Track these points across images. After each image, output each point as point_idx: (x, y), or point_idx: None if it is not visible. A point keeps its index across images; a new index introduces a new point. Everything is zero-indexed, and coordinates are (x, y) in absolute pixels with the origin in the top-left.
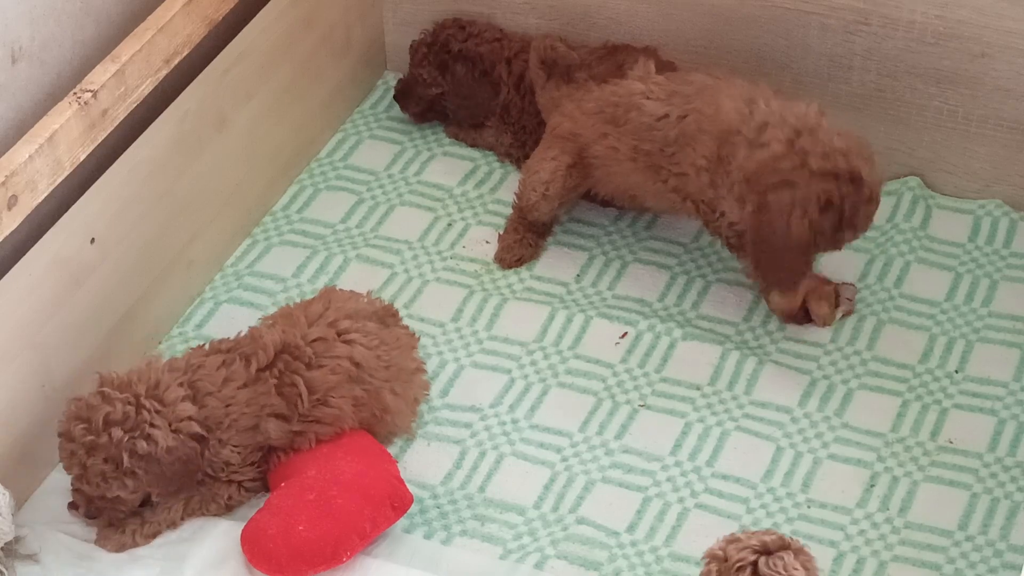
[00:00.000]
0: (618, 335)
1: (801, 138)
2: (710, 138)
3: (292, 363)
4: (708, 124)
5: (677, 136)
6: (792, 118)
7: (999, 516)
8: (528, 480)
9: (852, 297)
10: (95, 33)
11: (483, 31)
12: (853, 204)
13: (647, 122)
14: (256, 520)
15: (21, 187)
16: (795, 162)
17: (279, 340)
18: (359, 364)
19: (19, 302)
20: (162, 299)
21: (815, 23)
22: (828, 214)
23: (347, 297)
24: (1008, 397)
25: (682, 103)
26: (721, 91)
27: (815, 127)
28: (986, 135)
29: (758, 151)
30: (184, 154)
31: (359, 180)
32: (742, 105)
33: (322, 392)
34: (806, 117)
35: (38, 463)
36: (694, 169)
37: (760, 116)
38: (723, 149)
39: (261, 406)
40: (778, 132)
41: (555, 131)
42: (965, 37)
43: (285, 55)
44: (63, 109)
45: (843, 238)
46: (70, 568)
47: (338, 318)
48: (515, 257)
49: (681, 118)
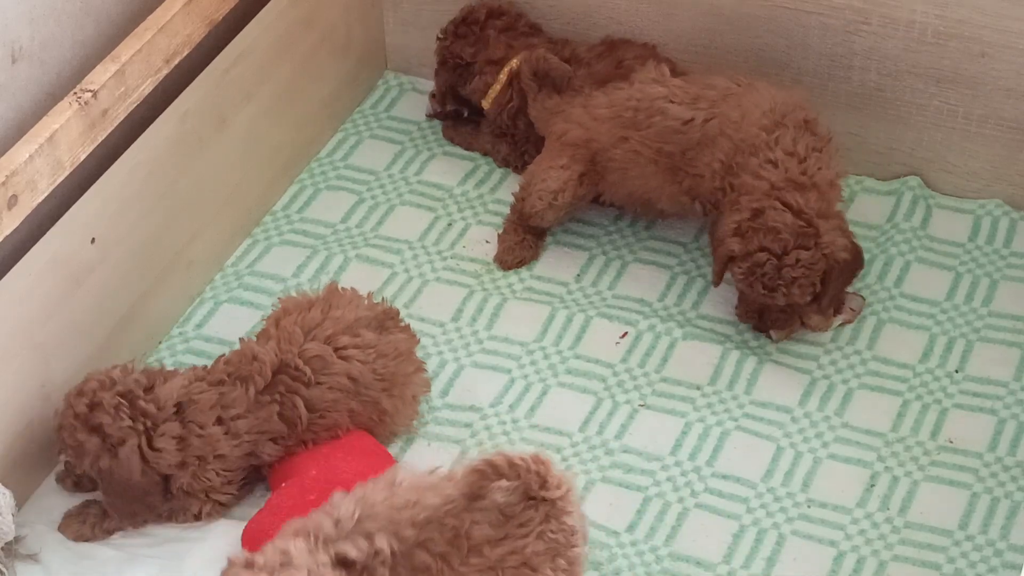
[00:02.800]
0: (618, 335)
1: (782, 186)
2: (730, 143)
3: (291, 384)
4: (731, 129)
5: (700, 139)
6: (796, 169)
7: (999, 516)
8: None
9: (857, 309)
10: (95, 33)
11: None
12: (779, 230)
13: (673, 126)
14: (257, 520)
15: (21, 187)
16: (768, 185)
17: (276, 360)
18: (355, 379)
19: (19, 302)
20: (162, 299)
21: (815, 22)
22: (755, 222)
23: (348, 301)
24: (1008, 397)
25: (708, 107)
26: (748, 99)
27: (803, 186)
28: (986, 135)
29: (757, 182)
30: (184, 154)
31: (359, 180)
32: (767, 123)
33: (320, 409)
34: (804, 169)
35: (38, 463)
36: (710, 171)
37: (774, 150)
38: (737, 158)
39: (261, 432)
40: (772, 174)
41: (563, 139)
42: (965, 37)
43: (285, 55)
44: (63, 109)
45: (762, 261)
46: (70, 568)
47: (335, 332)
48: (516, 259)
49: (706, 122)
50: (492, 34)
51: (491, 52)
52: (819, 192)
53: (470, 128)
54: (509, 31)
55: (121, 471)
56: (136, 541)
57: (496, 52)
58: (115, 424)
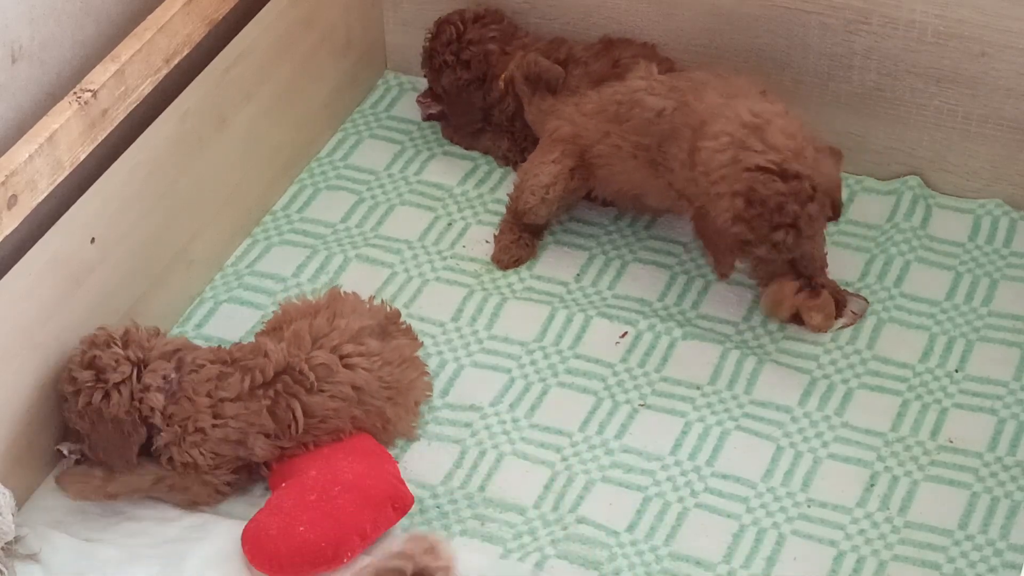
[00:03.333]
0: (618, 335)
1: (745, 134)
2: (690, 131)
3: (292, 386)
4: (691, 118)
5: (670, 130)
6: (748, 115)
7: (999, 515)
8: (528, 480)
9: (860, 312)
10: (95, 33)
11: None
12: (780, 201)
13: (648, 117)
14: (257, 520)
15: (21, 187)
16: (730, 157)
17: (282, 361)
18: (360, 388)
19: (19, 302)
20: (162, 298)
21: (815, 22)
22: (752, 208)
23: (352, 307)
24: (1008, 396)
25: (677, 97)
26: (711, 87)
27: (764, 124)
28: (986, 134)
29: (709, 142)
30: (184, 154)
31: (359, 180)
32: (721, 101)
33: (321, 416)
34: (763, 115)
35: (38, 463)
36: (678, 163)
37: (723, 113)
38: (695, 142)
39: (249, 423)
40: (727, 126)
41: (554, 135)
42: (965, 36)
43: (285, 55)
44: (63, 109)
45: (781, 238)
46: (70, 567)
47: (342, 342)
48: (513, 258)
49: (675, 111)
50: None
51: (496, 68)
52: (777, 124)
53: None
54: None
55: (110, 407)
56: (137, 541)
57: (500, 66)
58: (108, 356)
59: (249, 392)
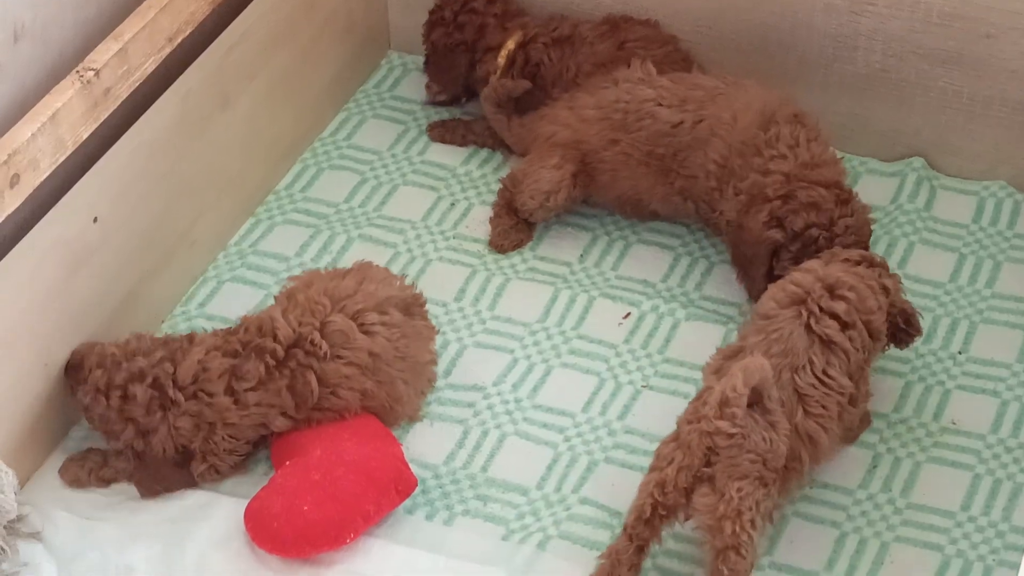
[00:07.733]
0: (621, 315)
1: (799, 172)
2: (724, 144)
3: (304, 359)
4: (724, 131)
5: (691, 141)
6: (806, 154)
7: (1001, 497)
8: (531, 460)
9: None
10: (97, 12)
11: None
12: (817, 200)
13: (662, 129)
14: (260, 499)
15: (23, 166)
16: (786, 190)
17: (292, 334)
18: (377, 355)
19: (21, 282)
20: (165, 278)
21: (820, 3)
22: (787, 205)
23: (381, 278)
24: (1011, 378)
25: (696, 108)
26: (738, 99)
27: (817, 164)
28: (991, 116)
29: (769, 177)
30: (187, 133)
31: (362, 160)
32: (761, 121)
33: (332, 385)
34: (812, 154)
35: (41, 442)
36: (704, 172)
37: (776, 145)
38: (735, 160)
39: (271, 405)
40: (783, 165)
41: (552, 139)
42: (971, 18)
43: (289, 35)
44: (65, 88)
45: (814, 236)
46: (72, 547)
47: (366, 308)
48: (512, 242)
49: (696, 124)
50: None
51: (489, 40)
52: (832, 167)
53: (460, 124)
54: (503, 14)
55: (152, 456)
56: (139, 519)
57: (494, 39)
58: (149, 418)
59: (267, 375)
